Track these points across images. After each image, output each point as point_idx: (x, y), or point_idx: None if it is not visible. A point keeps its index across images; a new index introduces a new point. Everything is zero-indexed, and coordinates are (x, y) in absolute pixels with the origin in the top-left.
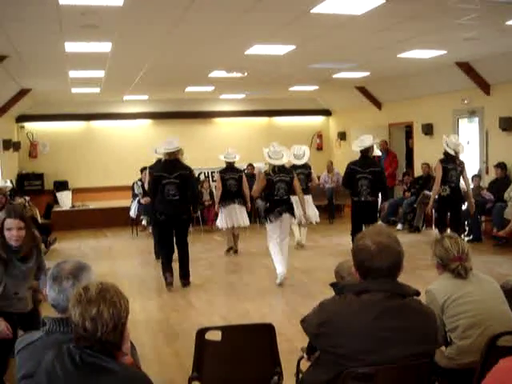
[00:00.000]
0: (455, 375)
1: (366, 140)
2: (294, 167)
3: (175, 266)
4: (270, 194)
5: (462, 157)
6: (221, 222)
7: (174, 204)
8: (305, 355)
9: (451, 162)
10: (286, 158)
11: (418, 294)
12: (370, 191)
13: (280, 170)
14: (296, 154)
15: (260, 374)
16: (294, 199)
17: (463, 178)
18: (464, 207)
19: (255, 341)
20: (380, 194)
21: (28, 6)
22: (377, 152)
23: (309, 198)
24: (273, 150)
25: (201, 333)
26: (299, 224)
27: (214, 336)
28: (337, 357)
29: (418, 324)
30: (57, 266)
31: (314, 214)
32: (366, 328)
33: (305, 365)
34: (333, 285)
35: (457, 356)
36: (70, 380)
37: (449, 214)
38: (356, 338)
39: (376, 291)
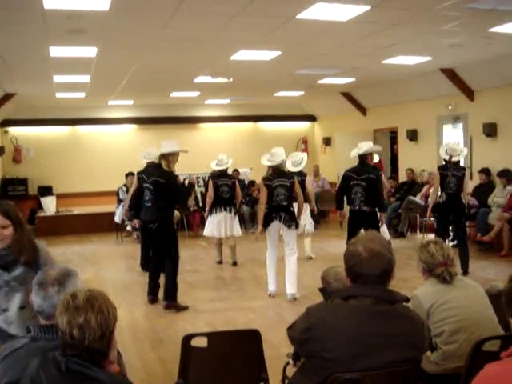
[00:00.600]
0: (441, 380)
1: (364, 146)
2: None
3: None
4: (269, 200)
5: (462, 163)
6: (207, 231)
7: (146, 210)
8: (291, 361)
9: (449, 169)
10: (283, 158)
11: (407, 300)
12: (363, 199)
13: (279, 174)
14: (294, 161)
15: (246, 380)
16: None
17: (461, 184)
18: None
19: (241, 347)
20: (375, 204)
21: (13, 10)
22: (376, 159)
23: (306, 207)
24: (271, 153)
25: (187, 339)
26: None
27: (200, 342)
28: (324, 361)
29: (406, 330)
30: (43, 272)
31: (309, 223)
32: (353, 333)
33: (291, 371)
34: (321, 290)
35: (442, 361)
36: None
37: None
38: (343, 342)
39: (364, 297)
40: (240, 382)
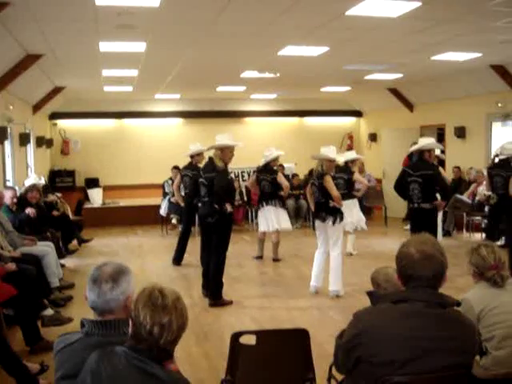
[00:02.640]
0: None
1: (421, 142)
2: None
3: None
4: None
5: None
6: (260, 226)
7: (203, 204)
8: None
9: (498, 168)
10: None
11: (458, 304)
12: (421, 196)
13: (315, 173)
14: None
15: (293, 379)
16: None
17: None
18: None
19: (289, 346)
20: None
21: (65, 5)
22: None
23: (353, 203)
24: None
25: (235, 336)
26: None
27: (248, 339)
28: (373, 367)
29: (457, 334)
30: (97, 268)
31: (360, 219)
32: (403, 337)
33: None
34: (369, 293)
35: (492, 366)
36: (115, 382)
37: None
38: (393, 346)
39: (415, 301)
40: (287, 381)
